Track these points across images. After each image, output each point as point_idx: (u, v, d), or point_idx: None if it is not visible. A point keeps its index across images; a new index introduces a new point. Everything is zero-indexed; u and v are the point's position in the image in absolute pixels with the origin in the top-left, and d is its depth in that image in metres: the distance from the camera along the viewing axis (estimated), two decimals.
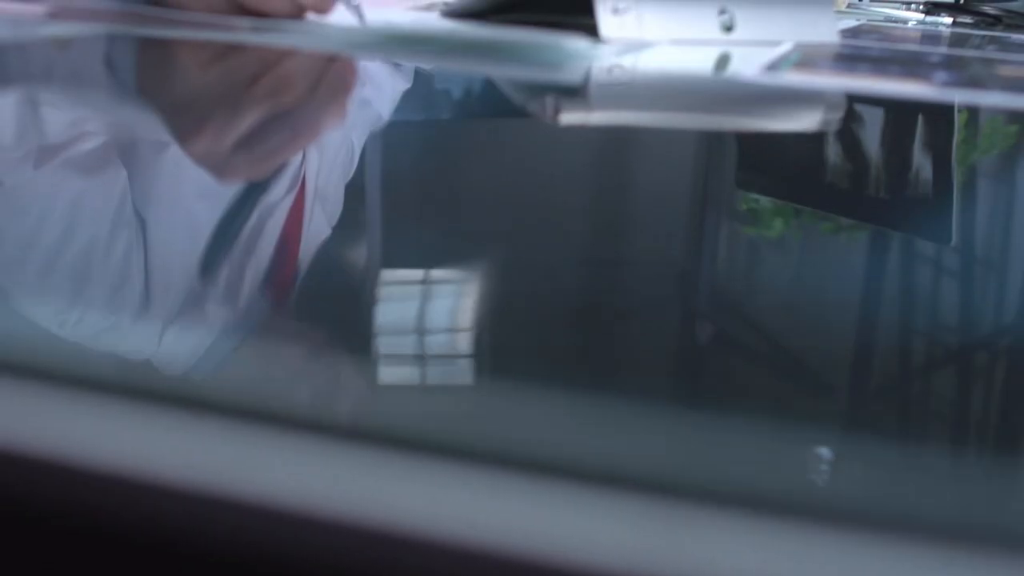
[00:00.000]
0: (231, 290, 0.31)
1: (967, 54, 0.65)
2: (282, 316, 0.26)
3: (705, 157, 0.38)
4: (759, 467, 0.14)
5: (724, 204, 0.32)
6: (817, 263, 0.27)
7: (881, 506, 0.13)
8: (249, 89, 0.42)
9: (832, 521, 0.12)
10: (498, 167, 0.35)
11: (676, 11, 0.61)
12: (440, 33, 0.53)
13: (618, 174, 0.35)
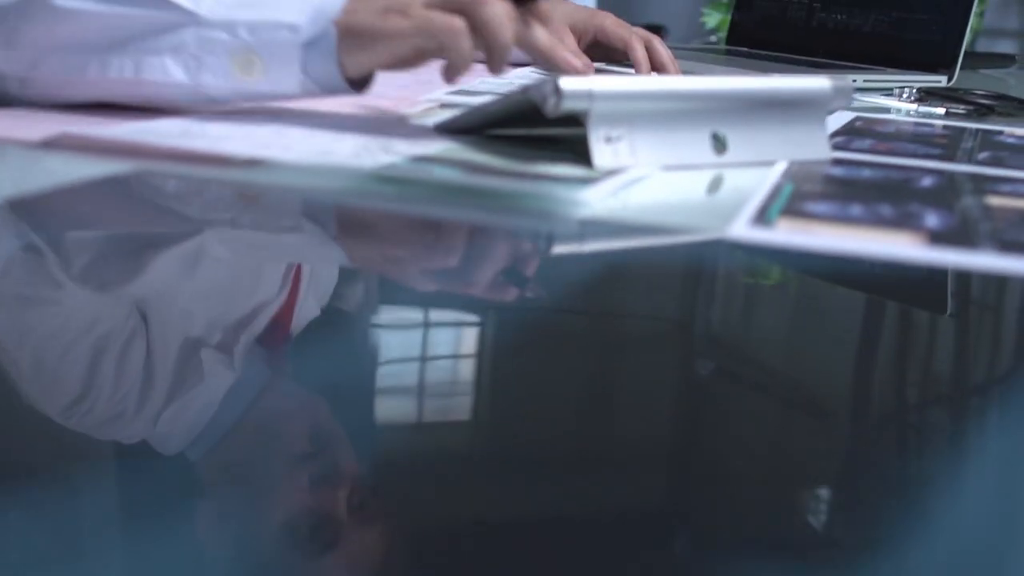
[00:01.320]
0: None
1: (960, 171, 0.66)
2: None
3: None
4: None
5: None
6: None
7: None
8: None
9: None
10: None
11: (669, 136, 0.61)
12: (426, 177, 0.54)
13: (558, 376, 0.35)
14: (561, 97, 0.57)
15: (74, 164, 0.57)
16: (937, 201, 0.55)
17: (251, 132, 0.64)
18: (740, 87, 0.63)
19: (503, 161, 0.60)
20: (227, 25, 0.65)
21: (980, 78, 1.54)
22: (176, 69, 0.66)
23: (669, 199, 0.55)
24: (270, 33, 0.65)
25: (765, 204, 0.52)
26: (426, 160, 0.59)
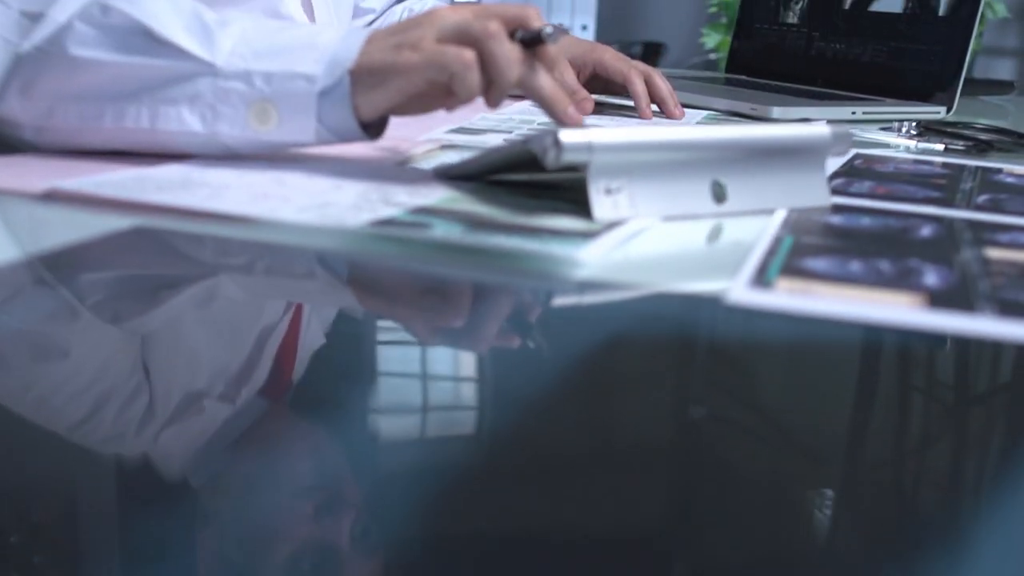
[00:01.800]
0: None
1: (959, 217, 0.66)
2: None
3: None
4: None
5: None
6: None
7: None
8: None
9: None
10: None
11: (668, 186, 0.61)
12: (423, 237, 0.54)
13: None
14: (561, 150, 0.57)
15: (72, 218, 0.57)
16: (936, 256, 0.55)
17: (251, 180, 0.65)
18: (739, 136, 0.64)
19: (503, 212, 0.60)
20: (243, 75, 0.66)
21: (979, 105, 1.54)
22: (192, 119, 0.67)
23: (668, 257, 0.55)
24: (286, 83, 0.66)
25: (764, 261, 0.52)
26: (426, 211, 0.59)
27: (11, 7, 0.69)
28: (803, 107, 1.14)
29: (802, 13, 1.43)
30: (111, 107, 0.68)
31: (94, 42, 0.67)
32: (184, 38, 0.66)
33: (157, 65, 0.66)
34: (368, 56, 0.65)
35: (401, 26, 0.66)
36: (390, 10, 1.25)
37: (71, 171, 0.65)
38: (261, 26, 0.69)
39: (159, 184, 0.62)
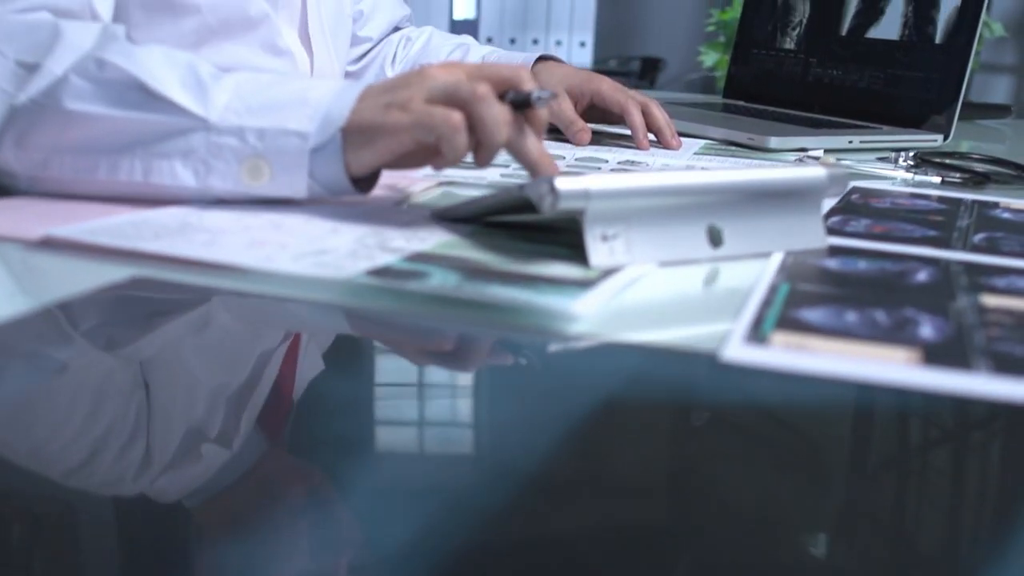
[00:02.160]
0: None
1: (956, 259, 0.66)
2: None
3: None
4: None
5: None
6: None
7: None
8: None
9: None
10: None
11: (665, 232, 0.61)
12: (419, 289, 0.54)
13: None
14: (557, 197, 0.57)
15: (68, 267, 0.57)
16: (931, 304, 0.55)
17: (249, 223, 0.65)
18: (736, 180, 0.64)
19: (500, 259, 0.60)
20: (236, 131, 0.66)
21: (977, 129, 1.55)
22: (185, 173, 0.67)
23: (663, 308, 0.55)
24: (279, 140, 0.66)
25: (760, 313, 0.52)
26: (423, 258, 0.59)
27: (7, 56, 0.70)
28: (800, 136, 1.14)
29: (799, 39, 1.43)
30: (105, 160, 0.68)
31: (90, 96, 0.67)
32: (179, 93, 0.67)
33: (151, 120, 0.67)
34: (359, 115, 0.66)
35: (392, 83, 0.67)
36: (387, 39, 1.26)
37: (69, 214, 0.65)
38: (256, 80, 0.69)
39: (156, 230, 0.62)
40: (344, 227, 0.65)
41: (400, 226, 0.66)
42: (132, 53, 0.69)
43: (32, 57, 0.70)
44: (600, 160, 0.98)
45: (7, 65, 0.70)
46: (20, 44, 0.70)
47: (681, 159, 1.02)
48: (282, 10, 0.99)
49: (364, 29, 1.22)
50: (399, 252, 0.60)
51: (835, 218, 0.77)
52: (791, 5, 1.45)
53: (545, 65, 1.14)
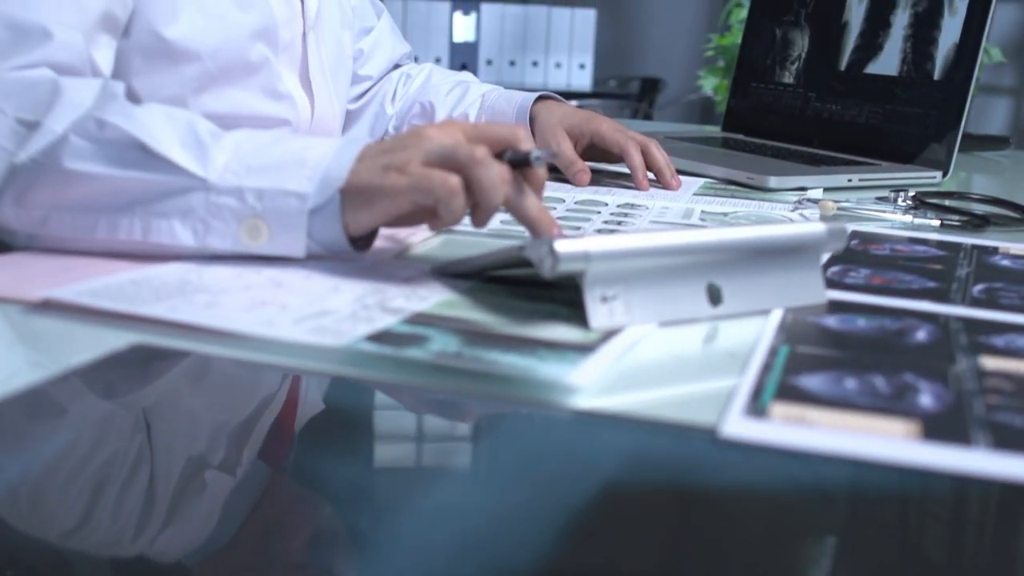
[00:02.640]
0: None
1: (955, 315, 0.66)
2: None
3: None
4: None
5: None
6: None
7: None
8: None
9: None
10: None
11: (664, 291, 0.62)
12: (418, 357, 0.54)
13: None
14: (557, 260, 0.57)
15: (70, 331, 0.57)
16: (931, 368, 0.55)
17: (249, 282, 0.65)
18: (734, 238, 0.64)
19: (500, 320, 0.60)
20: (235, 191, 0.67)
21: (975, 161, 1.55)
22: (184, 232, 0.67)
23: (663, 376, 0.55)
24: (278, 201, 0.67)
25: (759, 381, 0.52)
26: (423, 320, 0.59)
27: (7, 114, 0.70)
28: (799, 176, 1.14)
29: (798, 73, 1.44)
30: (104, 218, 0.68)
31: (89, 156, 0.68)
32: (178, 153, 0.67)
33: (151, 179, 0.67)
34: (357, 176, 0.66)
35: (390, 144, 0.67)
36: (387, 77, 1.26)
37: (69, 270, 0.66)
38: (255, 139, 0.70)
39: (156, 289, 0.62)
40: (345, 285, 0.65)
41: (400, 283, 0.66)
42: (132, 113, 0.69)
43: (32, 115, 0.70)
44: (599, 203, 0.99)
45: (7, 123, 0.70)
46: (20, 101, 0.71)
47: (681, 200, 1.03)
48: (282, 54, 1.00)
49: (364, 68, 1.22)
50: (399, 313, 0.60)
51: (835, 267, 0.77)
52: (790, 39, 1.45)
53: (545, 104, 1.15)
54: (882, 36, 1.33)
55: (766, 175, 1.11)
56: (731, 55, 2.73)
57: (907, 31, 1.31)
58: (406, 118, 1.22)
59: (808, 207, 0.99)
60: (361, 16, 1.23)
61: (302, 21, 1.02)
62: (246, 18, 0.94)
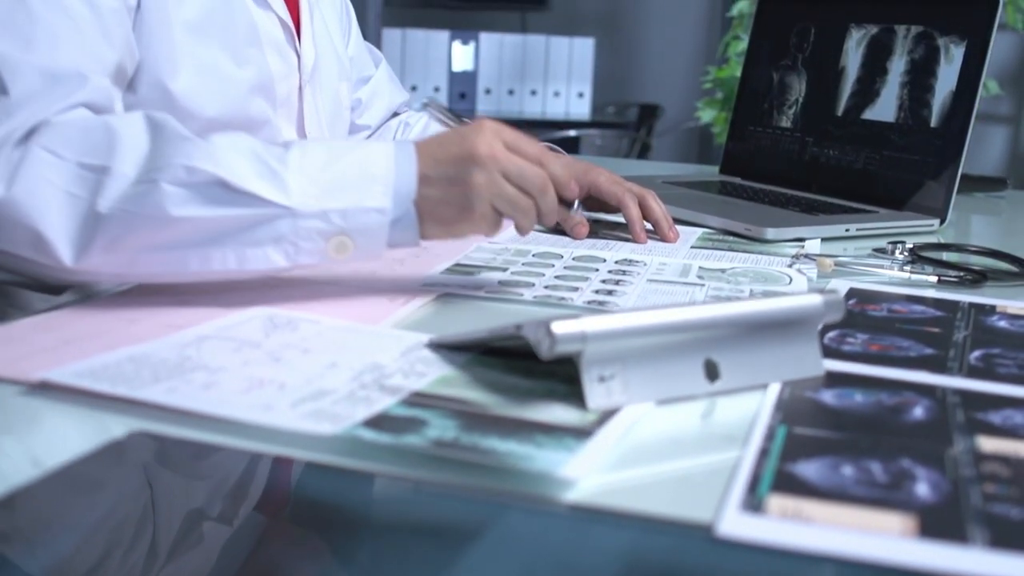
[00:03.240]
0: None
1: (952, 387, 0.66)
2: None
3: None
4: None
5: None
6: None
7: None
8: None
9: None
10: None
11: (662, 369, 0.62)
12: (414, 445, 0.54)
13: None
14: (555, 341, 0.58)
15: (67, 415, 0.57)
16: (927, 453, 0.55)
17: (248, 357, 0.65)
18: (732, 313, 0.64)
19: (498, 400, 0.60)
20: (320, 214, 0.73)
21: (973, 202, 1.56)
22: (277, 256, 0.74)
23: (660, 462, 0.55)
24: (361, 218, 0.74)
25: (756, 470, 0.52)
26: (421, 401, 0.59)
27: (68, 159, 0.72)
28: (797, 226, 1.14)
29: (795, 118, 1.44)
30: (195, 254, 0.73)
31: (183, 200, 0.71)
32: (257, 184, 0.72)
33: (240, 214, 0.72)
34: (428, 203, 0.75)
35: (446, 157, 0.74)
36: (385, 125, 1.27)
37: (68, 343, 0.66)
38: (314, 155, 0.75)
39: (155, 368, 0.62)
40: (343, 359, 0.65)
41: (398, 356, 0.67)
42: (209, 151, 0.73)
43: (95, 159, 0.73)
44: (598, 259, 0.99)
45: (70, 168, 0.72)
46: (78, 146, 0.73)
47: (678, 254, 1.03)
48: (280, 108, 1.00)
49: (362, 117, 1.23)
50: (397, 393, 0.60)
51: (833, 332, 0.77)
52: (787, 83, 1.46)
53: None
54: (879, 82, 1.34)
55: (763, 226, 1.11)
56: (729, 87, 2.74)
57: (904, 78, 1.32)
58: None
59: (805, 263, 0.99)
60: (359, 66, 1.23)
61: (298, 75, 1.02)
62: (243, 74, 0.95)
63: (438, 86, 3.97)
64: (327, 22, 1.10)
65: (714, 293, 0.88)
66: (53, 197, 0.72)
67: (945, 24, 1.28)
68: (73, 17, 0.80)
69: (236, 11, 0.94)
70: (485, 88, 4.02)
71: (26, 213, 0.72)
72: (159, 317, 0.73)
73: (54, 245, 0.72)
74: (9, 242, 0.74)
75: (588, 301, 0.83)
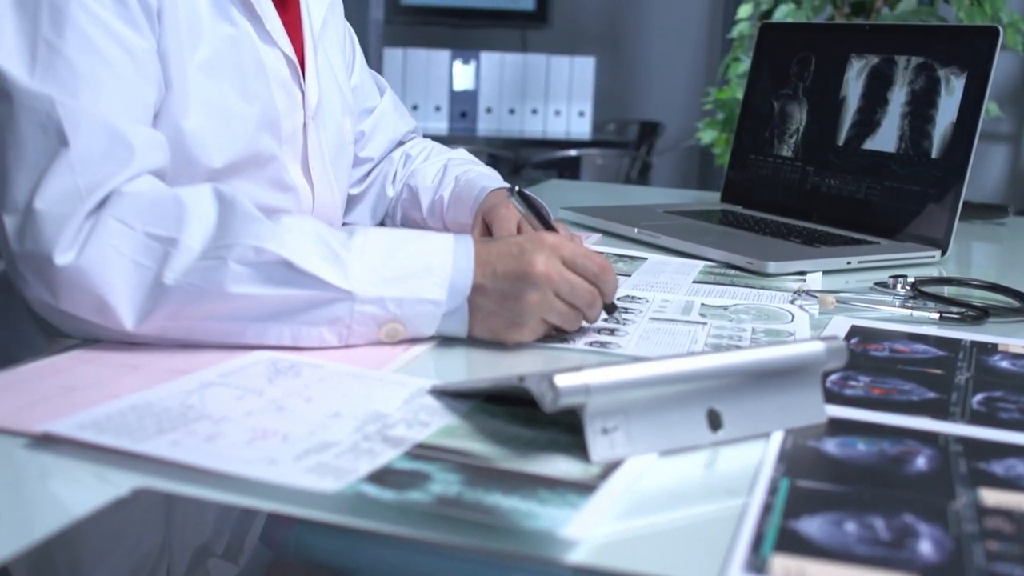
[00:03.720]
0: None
1: (954, 435, 0.66)
2: None
3: None
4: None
5: None
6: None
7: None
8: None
9: None
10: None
11: (664, 419, 0.62)
12: (419, 500, 0.54)
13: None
14: (558, 394, 0.58)
15: (70, 469, 0.57)
16: (930, 508, 0.55)
17: (251, 407, 0.65)
18: (734, 362, 0.64)
19: (501, 451, 0.60)
20: (377, 301, 0.77)
21: (975, 229, 1.56)
22: (331, 337, 0.77)
23: (663, 518, 0.55)
24: (416, 308, 0.78)
25: (759, 528, 0.52)
26: (425, 454, 0.59)
27: (136, 229, 0.75)
28: (798, 259, 1.15)
29: (796, 147, 1.45)
30: (253, 327, 0.76)
31: (247, 279, 0.74)
32: (321, 267, 0.75)
33: (301, 295, 0.75)
34: (482, 324, 0.80)
35: (505, 271, 0.78)
36: (388, 157, 1.27)
37: (72, 391, 0.66)
38: (377, 242, 0.79)
39: (158, 418, 0.62)
40: (346, 408, 0.65)
41: (401, 405, 0.67)
42: (277, 234, 0.75)
43: (163, 230, 0.75)
44: None
45: (138, 238, 0.75)
46: (147, 218, 0.76)
47: (681, 289, 1.03)
48: (285, 145, 1.00)
49: (365, 150, 1.23)
50: (401, 444, 0.60)
51: (835, 375, 0.77)
52: (788, 113, 1.46)
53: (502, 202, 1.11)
54: (880, 113, 1.34)
55: (765, 260, 1.12)
56: (729, 108, 2.75)
57: (904, 108, 1.32)
58: (398, 200, 1.23)
59: (807, 299, 0.99)
60: (363, 96, 1.23)
61: (303, 112, 1.03)
62: (250, 109, 0.95)
63: (439, 105, 3.98)
64: (331, 57, 1.10)
65: (716, 332, 0.88)
66: (121, 265, 0.75)
67: (945, 56, 1.29)
68: (112, 63, 0.81)
69: (244, 48, 0.94)
70: (486, 107, 4.03)
71: (93, 280, 0.74)
72: (162, 362, 0.73)
73: (118, 311, 0.75)
74: (73, 305, 0.76)
75: (591, 342, 0.83)
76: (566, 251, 0.80)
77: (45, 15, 0.80)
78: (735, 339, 0.86)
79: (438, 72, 3.97)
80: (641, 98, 4.81)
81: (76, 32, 0.80)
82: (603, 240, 1.31)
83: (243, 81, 0.94)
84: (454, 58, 4.00)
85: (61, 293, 0.75)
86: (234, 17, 0.94)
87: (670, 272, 1.11)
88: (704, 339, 0.86)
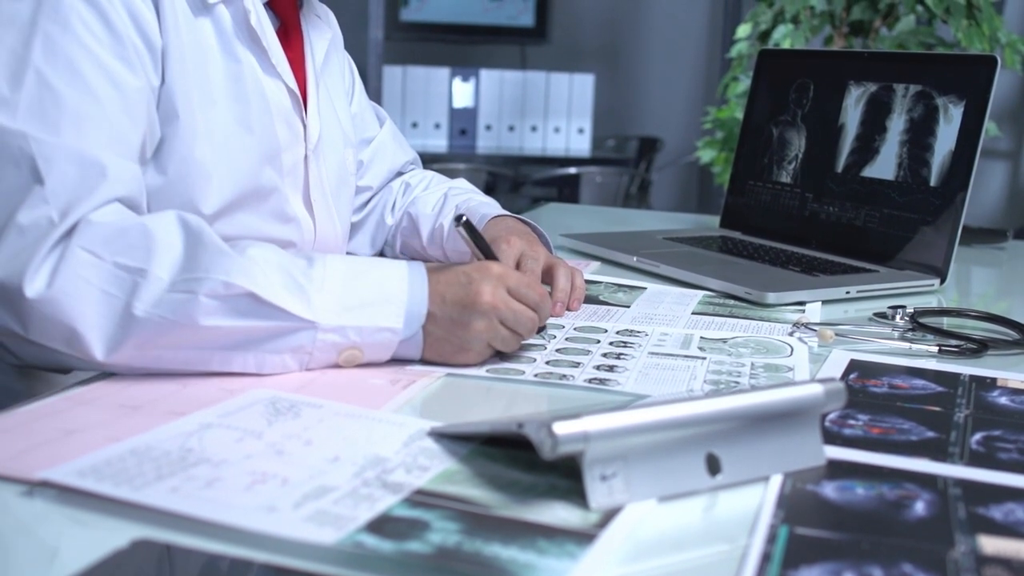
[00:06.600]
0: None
1: (953, 478, 0.66)
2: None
3: None
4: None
5: None
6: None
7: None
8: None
9: None
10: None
11: (663, 465, 0.62)
12: (418, 551, 0.54)
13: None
14: (557, 442, 0.58)
15: (68, 518, 0.57)
16: (928, 558, 0.55)
17: (250, 450, 0.65)
18: (733, 407, 0.64)
19: (500, 498, 0.60)
20: (339, 330, 0.80)
21: (974, 254, 1.56)
22: (293, 364, 0.80)
23: (663, 566, 0.55)
24: (375, 336, 0.81)
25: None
26: (424, 500, 0.59)
27: (104, 259, 0.76)
28: (798, 289, 1.15)
29: (795, 174, 1.45)
30: (218, 355, 0.78)
31: (217, 312, 0.76)
32: (286, 299, 0.78)
33: (266, 325, 0.78)
34: (434, 349, 0.84)
35: (455, 298, 0.82)
36: (387, 186, 1.27)
37: (71, 434, 0.66)
38: (337, 271, 0.82)
39: (157, 463, 0.62)
40: (345, 453, 0.65)
41: (400, 448, 0.67)
42: (244, 268, 0.77)
43: (131, 260, 0.76)
44: (599, 330, 0.99)
45: (107, 268, 0.76)
46: (114, 247, 0.77)
47: (680, 322, 1.03)
48: (287, 177, 1.01)
49: (364, 179, 1.23)
50: (400, 491, 0.60)
51: (834, 414, 0.77)
52: (786, 139, 1.47)
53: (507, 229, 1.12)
54: (878, 140, 1.35)
55: (764, 290, 1.12)
56: (728, 128, 2.75)
57: (903, 136, 1.32)
58: (398, 229, 1.23)
59: (806, 332, 0.99)
60: (362, 126, 1.24)
61: (304, 145, 1.03)
62: (252, 140, 0.95)
63: (439, 123, 3.99)
64: (331, 90, 1.11)
65: (715, 368, 0.88)
66: (90, 295, 0.76)
67: (943, 84, 1.29)
68: (99, 98, 0.82)
69: (248, 81, 0.94)
70: (485, 124, 4.04)
71: (64, 311, 0.75)
72: (160, 404, 0.73)
73: (88, 341, 0.76)
74: (43, 335, 0.77)
75: (589, 379, 0.83)
76: (511, 281, 0.84)
77: (39, 44, 0.80)
78: (734, 374, 0.86)
79: (437, 89, 3.98)
80: (640, 114, 4.82)
81: (67, 64, 0.81)
82: (602, 268, 1.31)
83: (247, 113, 0.94)
84: (453, 75, 4.01)
85: (31, 324, 0.76)
86: (238, 51, 0.94)
87: (669, 303, 1.12)
88: (703, 375, 0.86)
